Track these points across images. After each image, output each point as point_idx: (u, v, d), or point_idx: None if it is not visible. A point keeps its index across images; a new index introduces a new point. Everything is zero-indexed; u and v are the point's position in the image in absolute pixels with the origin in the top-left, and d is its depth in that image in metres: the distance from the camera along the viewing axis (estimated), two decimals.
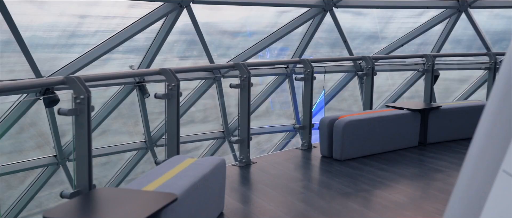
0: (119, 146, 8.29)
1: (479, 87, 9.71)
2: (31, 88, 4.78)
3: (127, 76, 5.06)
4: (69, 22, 6.24)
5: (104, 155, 8.30)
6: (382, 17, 8.88)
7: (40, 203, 8.04)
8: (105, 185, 8.46)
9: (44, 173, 7.38)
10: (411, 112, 5.41)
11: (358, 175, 4.53)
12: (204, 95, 8.41)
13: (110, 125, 8.39)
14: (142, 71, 4.80)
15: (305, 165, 5.08)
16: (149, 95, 7.60)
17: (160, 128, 8.19)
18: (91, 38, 6.61)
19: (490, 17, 9.31)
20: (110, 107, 7.61)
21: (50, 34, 6.21)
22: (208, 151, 9.05)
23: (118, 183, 8.44)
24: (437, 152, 5.30)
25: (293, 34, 8.29)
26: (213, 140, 9.00)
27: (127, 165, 8.48)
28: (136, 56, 7.53)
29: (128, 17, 6.60)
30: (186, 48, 8.57)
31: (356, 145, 5.01)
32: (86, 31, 6.53)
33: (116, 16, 6.54)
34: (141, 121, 8.07)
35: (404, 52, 9.22)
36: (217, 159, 3.46)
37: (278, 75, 8.77)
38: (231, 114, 8.88)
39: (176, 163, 3.40)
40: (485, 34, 8.91)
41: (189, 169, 3.22)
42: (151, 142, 8.22)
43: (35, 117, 7.36)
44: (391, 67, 8.86)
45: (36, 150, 7.81)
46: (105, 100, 7.59)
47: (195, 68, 5.67)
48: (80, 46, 6.63)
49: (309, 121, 5.48)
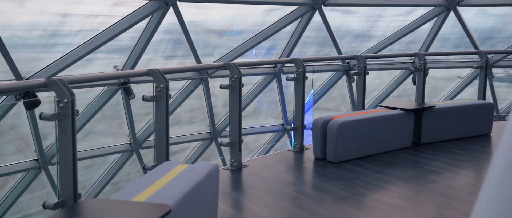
0: (103, 149, 8.08)
1: (467, 85, 9.71)
2: (9, 92, 4.55)
3: (112, 77, 4.86)
4: (50, 21, 6.00)
5: (88, 158, 8.10)
6: (370, 15, 8.80)
7: (22, 208, 7.80)
8: (89, 188, 8.26)
9: (25, 177, 7.15)
10: (405, 112, 5.30)
11: (353, 177, 4.40)
12: (190, 96, 8.25)
13: (94, 126, 8.17)
14: (129, 72, 4.61)
15: (298, 167, 4.93)
16: (134, 96, 7.39)
17: (146, 130, 8.00)
18: (74, 37, 6.39)
19: (478, 15, 9.30)
20: (94, 109, 7.41)
21: (30, 34, 5.96)
22: (195, 152, 8.89)
23: (103, 186, 8.25)
24: (432, 152, 5.21)
25: (281, 33, 8.17)
26: (200, 141, 8.84)
27: (112, 168, 8.28)
28: (121, 56, 7.32)
29: (112, 16, 6.39)
30: (172, 48, 8.38)
31: (350, 146, 4.88)
32: (68, 31, 6.30)
33: (99, 14, 6.33)
34: (126, 123, 7.88)
35: (392, 51, 9.16)
36: (210, 165, 3.28)
37: (266, 75, 8.64)
38: (218, 114, 8.73)
39: (166, 170, 3.22)
40: (473, 32, 8.90)
41: (181, 177, 3.05)
42: (136, 144, 8.04)
43: (15, 120, 7.11)
44: (381, 66, 8.78)
45: (16, 153, 7.54)
46: (88, 102, 7.38)
47: (184, 69, 5.48)
48: (62, 46, 6.39)
49: (301, 122, 5.34)
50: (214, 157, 9.30)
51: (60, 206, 3.12)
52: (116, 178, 8.48)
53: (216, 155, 9.19)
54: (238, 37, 8.41)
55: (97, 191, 8.24)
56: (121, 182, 8.89)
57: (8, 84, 3.64)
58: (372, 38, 9.07)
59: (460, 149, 5.34)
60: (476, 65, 6.87)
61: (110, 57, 7.40)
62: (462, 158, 5.06)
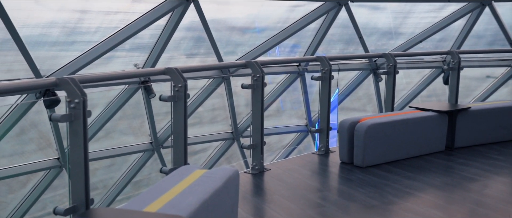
0: (124, 148, 7.99)
1: (501, 85, 9.26)
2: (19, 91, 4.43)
3: (127, 76, 4.68)
4: (69, 18, 5.88)
5: (110, 157, 8.03)
6: (400, 12, 8.44)
7: (45, 205, 7.78)
8: (111, 187, 8.20)
9: (47, 175, 7.11)
10: (438, 113, 4.98)
11: (383, 184, 4.12)
12: (212, 94, 8.09)
13: (115, 126, 8.08)
14: (146, 71, 4.43)
15: (323, 172, 4.67)
16: (154, 95, 7.25)
17: (167, 129, 7.87)
18: (93, 35, 6.26)
19: None
20: (115, 107, 7.32)
21: (49, 31, 5.85)
22: (216, 153, 8.74)
23: (124, 185, 8.18)
24: (467, 157, 4.87)
25: (306, 31, 7.92)
26: (221, 141, 8.68)
27: (133, 167, 8.20)
28: (141, 54, 7.19)
29: (131, 13, 6.24)
30: (193, 46, 8.21)
31: (379, 150, 4.60)
32: (88, 28, 6.17)
33: (118, 11, 6.18)
34: (147, 122, 7.78)
35: (422, 49, 8.78)
36: (230, 170, 3.06)
37: (290, 73, 8.40)
38: (240, 113, 8.53)
39: (183, 175, 3.01)
40: (509, 29, 8.45)
41: (198, 183, 2.84)
42: (157, 143, 7.92)
43: (36, 118, 7.06)
44: (410, 65, 8.42)
45: (37, 152, 7.50)
46: (109, 101, 7.28)
47: (204, 67, 5.28)
48: (81, 43, 6.27)
49: (327, 123, 5.07)
50: (236, 158, 9.12)
51: (71, 212, 2.95)
52: (137, 177, 8.39)
53: (238, 156, 8.99)
54: (261, 35, 8.19)
55: (118, 190, 8.18)
56: (142, 181, 8.80)
57: (17, 83, 3.49)
58: (400, 35, 8.71)
59: (497, 153, 4.99)
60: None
61: (131, 55, 7.27)
62: (500, 163, 4.71)
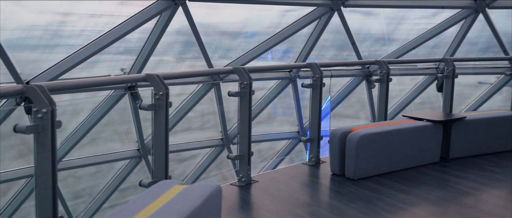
0: (110, 155, 7.77)
1: (495, 93, 9.13)
2: None
3: (104, 83, 4.41)
4: (51, 20, 5.66)
5: (95, 164, 7.80)
6: (393, 17, 8.29)
7: (27, 214, 7.51)
8: (96, 195, 7.98)
9: (29, 183, 6.86)
10: (433, 123, 4.80)
11: (375, 198, 3.92)
12: (201, 100, 7.89)
13: (100, 132, 7.85)
14: (124, 78, 4.21)
15: (313, 184, 4.47)
16: (142, 100, 7.02)
17: None
18: (77, 38, 6.04)
19: (509, 17, 8.72)
20: (100, 113, 7.10)
21: (29, 34, 5.62)
22: (206, 160, 8.54)
23: (110, 193, 7.95)
24: (462, 169, 4.70)
25: (298, 36, 7.75)
26: (211, 148, 8.48)
27: (120, 174, 7.97)
28: (128, 58, 6.98)
29: (117, 16, 6.03)
30: (183, 50, 8.02)
31: (371, 161, 4.41)
32: (71, 31, 5.95)
33: (104, 14, 5.97)
34: (134, 128, 7.56)
35: (415, 55, 8.64)
36: (211, 187, 2.85)
37: (281, 79, 8.22)
38: (230, 120, 8.34)
39: (161, 191, 2.80)
40: (502, 36, 8.33)
41: (176, 201, 2.62)
42: (144, 150, 7.69)
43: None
44: (403, 71, 8.26)
45: (19, 159, 7.24)
46: (94, 106, 7.06)
47: (188, 74, 5.08)
48: (64, 47, 6.05)
49: (318, 133, 4.88)
50: (226, 165, 8.92)
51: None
52: (124, 184, 8.17)
53: (228, 163, 8.79)
54: (253, 40, 8.00)
55: (104, 198, 7.96)
56: (129, 188, 8.56)
57: None
58: (394, 41, 8.56)
59: (493, 165, 4.82)
60: (510, 72, 6.31)
61: (117, 59, 7.05)
62: (497, 176, 4.54)
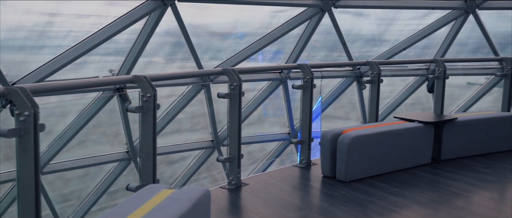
0: (99, 157, 7.66)
1: (485, 94, 9.14)
2: None
3: (90, 85, 4.28)
4: (37, 21, 5.55)
5: (83, 167, 7.69)
6: (383, 18, 8.27)
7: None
8: (84, 198, 7.87)
9: (15, 187, 6.73)
10: (424, 125, 4.77)
11: (367, 201, 3.87)
12: (191, 102, 7.81)
13: (89, 134, 7.74)
14: (109, 79, 4.09)
15: (304, 187, 4.41)
16: (130, 103, 6.94)
17: None
18: (64, 39, 5.93)
19: (499, 18, 8.74)
20: (88, 115, 7.00)
21: (15, 35, 5.51)
22: (196, 162, 8.46)
23: (99, 195, 7.84)
24: (454, 171, 4.67)
25: (288, 37, 7.69)
26: (201, 149, 8.40)
27: (109, 177, 7.87)
28: (117, 59, 6.88)
29: (105, 16, 5.93)
30: (172, 51, 7.93)
31: (363, 164, 4.36)
32: (58, 32, 5.84)
33: (91, 14, 5.87)
34: (123, 130, 7.46)
35: (406, 56, 8.62)
36: (200, 191, 2.78)
37: (272, 80, 8.16)
38: (221, 121, 8.26)
39: (149, 196, 2.73)
40: (492, 37, 8.34)
41: (163, 206, 2.55)
42: (134, 152, 7.59)
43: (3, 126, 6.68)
44: (394, 72, 8.24)
45: (4, 162, 7.11)
46: (82, 108, 6.96)
47: (175, 75, 5.01)
48: (51, 48, 5.94)
49: (309, 134, 4.82)
50: (217, 167, 8.85)
51: None
52: (113, 187, 8.07)
53: (219, 165, 8.72)
54: (243, 40, 7.94)
55: (92, 201, 7.86)
56: (118, 191, 8.46)
57: None
58: (384, 42, 8.54)
59: (485, 167, 4.79)
60: (500, 73, 6.31)
61: (105, 60, 6.95)
62: (488, 178, 4.51)
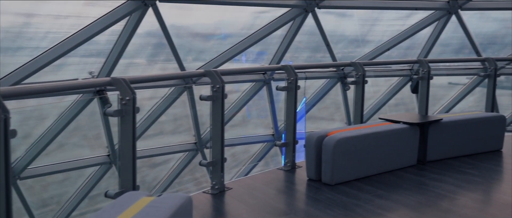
0: (79, 161, 7.48)
1: (468, 94, 9.19)
2: None
3: (64, 89, 4.08)
4: (13, 22, 5.37)
5: (62, 172, 7.50)
6: (367, 19, 8.25)
7: None
8: (64, 203, 7.68)
9: None
10: (409, 126, 4.72)
11: (353, 204, 3.80)
12: (174, 103, 7.68)
13: (68, 138, 7.55)
14: (88, 82, 3.94)
15: (289, 191, 4.33)
16: (111, 105, 6.78)
17: None
18: (41, 41, 5.76)
19: (481, 19, 8.79)
20: (67, 118, 6.82)
21: None
22: (179, 165, 8.32)
23: (80, 200, 7.66)
24: (440, 172, 4.63)
25: (272, 37, 7.62)
26: (184, 152, 8.26)
27: (90, 181, 7.69)
28: (97, 61, 6.73)
29: (84, 17, 5.78)
30: (154, 52, 7.79)
31: (348, 166, 4.29)
32: (35, 33, 5.67)
33: (69, 15, 5.71)
34: (104, 133, 7.29)
35: (390, 57, 8.61)
36: (181, 198, 2.67)
37: (255, 81, 8.07)
38: (204, 123, 8.15)
39: (127, 204, 2.61)
40: (475, 37, 8.38)
41: (142, 215, 2.44)
42: (115, 156, 7.43)
43: None
44: (378, 73, 8.22)
45: None
46: (61, 111, 6.78)
47: (158, 77, 4.87)
48: (28, 49, 5.77)
49: (293, 137, 4.74)
50: (200, 169, 8.72)
51: None
52: (94, 191, 7.89)
53: (202, 168, 8.60)
54: (226, 41, 7.84)
55: (73, 205, 7.67)
56: (99, 195, 8.28)
57: None
58: (368, 43, 8.52)
59: (471, 167, 4.77)
60: (484, 73, 6.31)
61: (85, 62, 6.79)
62: (474, 179, 4.48)
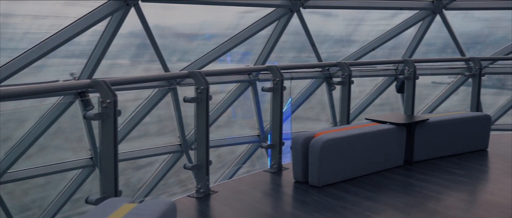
0: (61, 164, 7.33)
1: (452, 93, 9.23)
2: None
3: (44, 91, 3.82)
4: None
5: (44, 175, 7.35)
6: (352, 19, 8.23)
7: None
8: (46, 207, 7.53)
9: None
10: (396, 126, 4.69)
11: (341, 207, 3.75)
12: (158, 105, 7.57)
13: (49, 141, 7.39)
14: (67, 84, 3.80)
15: (276, 193, 4.26)
16: (93, 107, 6.65)
17: None
18: (20, 42, 5.60)
19: (465, 19, 8.83)
20: (48, 121, 6.68)
21: None
22: (164, 167, 8.21)
23: (63, 203, 7.52)
24: (427, 172, 4.60)
25: (257, 37, 7.55)
26: (169, 154, 8.15)
27: (72, 184, 7.55)
28: (78, 62, 6.58)
29: (64, 17, 5.64)
30: (138, 53, 7.66)
31: (335, 167, 4.24)
32: (13, 33, 5.51)
33: (49, 15, 5.56)
34: (86, 136, 7.16)
35: (375, 56, 8.60)
36: (165, 204, 2.58)
37: (241, 82, 7.99)
38: (189, 124, 8.05)
39: (109, 211, 2.51)
40: (459, 37, 8.41)
41: None
42: (98, 158, 7.29)
43: None
44: (364, 73, 8.20)
45: None
46: (41, 114, 6.63)
47: (140, 79, 4.76)
48: (6, 51, 5.61)
49: (279, 138, 4.67)
50: (186, 171, 8.60)
51: None
52: (77, 194, 7.74)
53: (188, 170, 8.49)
54: (211, 42, 7.74)
55: (55, 209, 7.52)
56: (82, 198, 8.12)
57: None
58: (353, 43, 8.49)
59: (457, 167, 4.75)
60: (469, 73, 6.32)
61: (65, 63, 6.63)
62: (462, 179, 4.46)
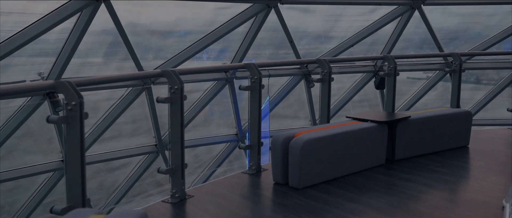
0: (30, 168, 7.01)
1: (430, 89, 9.21)
2: None
3: (3, 93, 3.54)
4: None
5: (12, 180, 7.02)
6: (331, 14, 8.11)
7: None
8: (16, 212, 7.21)
9: None
10: (378, 124, 4.56)
11: (322, 209, 3.59)
12: (133, 104, 7.31)
13: (17, 143, 7.07)
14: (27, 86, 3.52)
15: (254, 196, 4.08)
16: (62, 108, 6.39)
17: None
18: None
19: (443, 14, 8.80)
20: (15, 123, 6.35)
21: None
22: (139, 168, 7.95)
23: (33, 208, 7.20)
24: (409, 171, 4.49)
25: (233, 34, 7.36)
26: (144, 155, 7.90)
27: (43, 188, 7.23)
28: (46, 60, 6.28)
29: (29, 14, 5.35)
30: (110, 51, 7.39)
31: (316, 168, 4.09)
32: None
33: (12, 12, 5.26)
34: (57, 138, 6.86)
35: (354, 52, 8.51)
36: (135, 214, 2.37)
37: (217, 80, 7.79)
38: (165, 124, 7.81)
39: None
40: (437, 32, 8.38)
41: None
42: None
43: None
44: (343, 69, 8.09)
45: None
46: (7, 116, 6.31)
47: (110, 79, 4.51)
48: None
49: (258, 139, 4.49)
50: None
51: None
52: (49, 198, 7.44)
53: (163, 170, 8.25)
54: (186, 39, 7.52)
55: (25, 214, 7.20)
56: (55, 202, 7.82)
57: None
58: (332, 39, 8.38)
59: (440, 165, 4.66)
60: (449, 68, 6.26)
61: (32, 62, 6.33)
62: (445, 178, 4.36)
